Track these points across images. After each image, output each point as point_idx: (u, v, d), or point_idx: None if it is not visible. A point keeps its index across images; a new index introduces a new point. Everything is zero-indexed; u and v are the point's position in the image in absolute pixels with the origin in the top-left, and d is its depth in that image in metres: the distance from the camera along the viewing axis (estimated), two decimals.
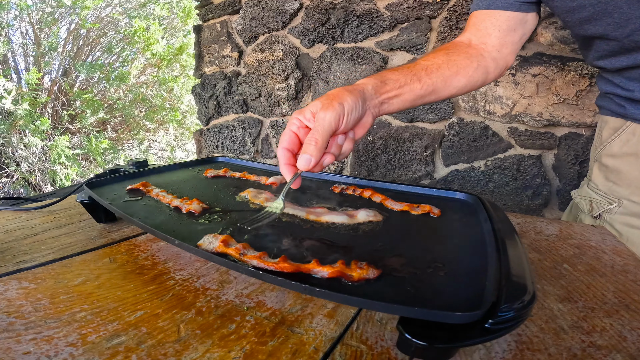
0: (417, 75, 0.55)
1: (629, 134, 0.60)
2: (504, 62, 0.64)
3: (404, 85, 0.53)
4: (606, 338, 0.31)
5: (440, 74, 0.57)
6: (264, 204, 0.52)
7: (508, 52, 0.63)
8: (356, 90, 0.46)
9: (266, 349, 0.29)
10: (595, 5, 0.52)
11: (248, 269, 0.32)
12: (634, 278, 0.41)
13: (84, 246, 0.48)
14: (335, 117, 0.42)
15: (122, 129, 4.63)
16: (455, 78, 0.59)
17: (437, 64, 0.57)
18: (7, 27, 3.70)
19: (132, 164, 0.71)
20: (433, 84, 0.56)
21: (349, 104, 0.44)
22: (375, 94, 0.49)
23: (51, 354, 0.27)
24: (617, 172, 0.62)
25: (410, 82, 0.54)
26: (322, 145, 0.42)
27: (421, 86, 0.55)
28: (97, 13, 4.21)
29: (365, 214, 0.48)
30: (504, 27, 0.61)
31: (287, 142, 0.44)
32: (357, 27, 1.40)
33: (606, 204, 0.63)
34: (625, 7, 0.50)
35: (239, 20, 1.71)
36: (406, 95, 0.54)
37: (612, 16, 0.51)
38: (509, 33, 0.62)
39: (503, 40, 0.62)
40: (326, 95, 0.45)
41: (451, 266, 0.35)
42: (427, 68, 0.56)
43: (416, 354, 0.25)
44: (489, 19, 0.62)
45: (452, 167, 1.34)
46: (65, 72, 4.19)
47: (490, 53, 0.62)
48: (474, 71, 0.60)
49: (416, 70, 0.55)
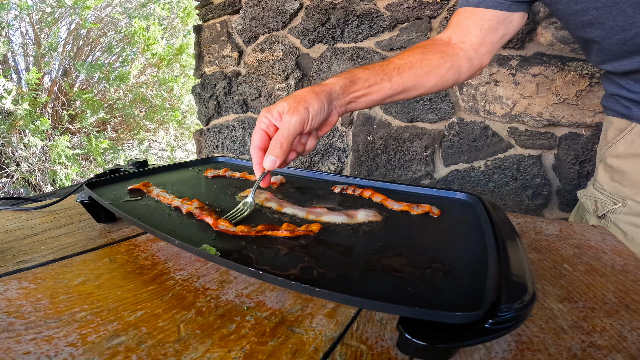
0: (389, 74, 0.55)
1: (634, 135, 0.60)
2: (479, 62, 0.64)
3: (373, 85, 0.53)
4: (606, 338, 0.31)
5: (412, 73, 0.57)
6: (244, 203, 0.51)
7: (485, 51, 0.63)
8: (323, 91, 0.47)
9: (266, 349, 0.29)
10: (599, 8, 0.51)
11: (248, 269, 0.32)
12: (634, 278, 0.41)
13: (84, 246, 0.48)
14: (300, 121, 0.44)
15: (122, 129, 4.63)
16: (427, 77, 0.59)
17: (411, 62, 0.58)
18: (7, 27, 3.70)
19: (132, 164, 0.71)
20: (403, 83, 0.56)
21: (314, 108, 0.45)
22: (342, 94, 0.50)
23: (51, 354, 0.27)
24: (621, 173, 0.62)
25: (381, 81, 0.54)
26: (287, 147, 0.45)
27: (391, 85, 0.55)
28: (97, 13, 4.21)
29: (365, 214, 0.48)
30: (485, 26, 0.61)
31: (258, 140, 0.46)
32: (357, 27, 1.40)
33: (611, 204, 0.63)
34: (630, 10, 0.49)
35: (239, 20, 1.71)
36: (374, 95, 0.54)
37: (616, 19, 0.51)
38: (489, 32, 0.61)
39: (483, 39, 0.62)
40: (293, 96, 0.46)
41: (451, 266, 0.35)
42: (399, 67, 0.56)
43: (416, 354, 0.25)
44: (473, 17, 0.62)
45: (452, 167, 1.34)
46: (65, 72, 4.18)
47: (466, 52, 0.62)
48: (446, 71, 0.60)
49: (388, 70, 0.55)
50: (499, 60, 1.18)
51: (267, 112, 0.47)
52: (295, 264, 0.35)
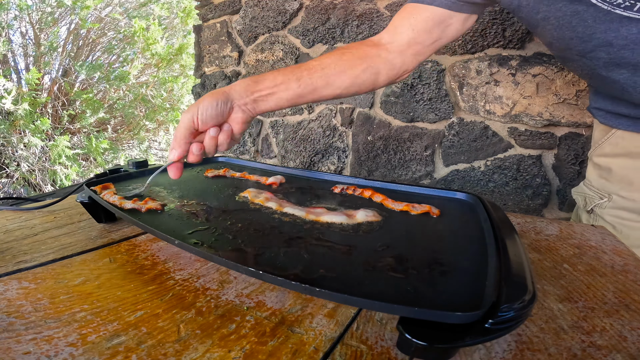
0: (297, 75, 0.57)
1: (617, 137, 0.63)
2: (403, 65, 0.62)
3: (280, 84, 0.56)
4: (606, 338, 0.31)
5: (324, 74, 0.58)
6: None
7: (412, 53, 0.61)
8: (220, 92, 0.52)
9: (266, 349, 0.29)
10: (560, 18, 0.50)
11: (248, 269, 0.32)
12: (634, 278, 0.41)
13: (84, 246, 0.48)
14: (190, 117, 0.50)
15: (122, 129, 4.63)
16: (339, 78, 0.59)
17: (325, 63, 0.58)
18: (7, 27, 3.70)
19: (132, 164, 0.71)
20: (313, 83, 0.57)
21: (203, 105, 0.51)
22: (245, 94, 0.54)
23: (51, 354, 0.27)
24: (608, 170, 0.65)
25: (287, 81, 0.56)
26: (181, 139, 0.51)
27: (299, 85, 0.56)
28: (97, 13, 4.20)
29: (365, 214, 0.48)
30: (419, 27, 0.59)
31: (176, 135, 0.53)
32: (357, 27, 1.40)
33: (597, 199, 0.67)
34: (590, 20, 0.48)
35: (239, 20, 1.71)
36: (282, 94, 0.56)
37: (576, 30, 0.50)
38: (421, 34, 0.60)
39: (413, 40, 0.60)
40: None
41: (451, 266, 0.35)
42: (311, 68, 0.58)
43: (416, 354, 0.25)
44: (410, 16, 0.60)
45: (452, 167, 1.34)
46: (65, 72, 4.18)
47: (389, 53, 0.61)
48: (361, 72, 0.60)
49: (298, 71, 0.57)
50: (499, 60, 1.18)
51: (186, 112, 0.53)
52: (296, 264, 0.35)
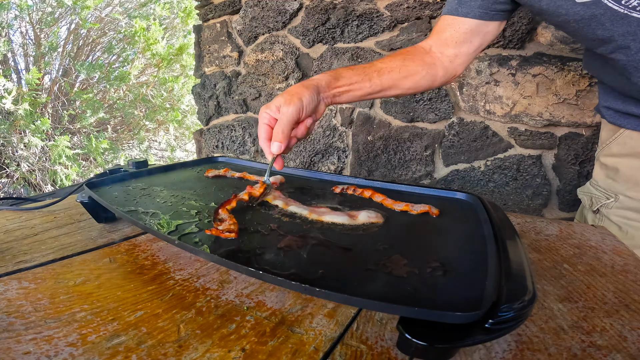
0: (369, 75, 0.62)
1: (625, 137, 0.63)
2: (454, 71, 0.69)
3: (354, 83, 0.61)
4: (606, 338, 0.31)
5: (390, 77, 0.64)
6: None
7: (460, 62, 0.68)
8: (312, 85, 0.55)
9: (266, 349, 0.29)
10: (579, 21, 0.52)
11: (248, 269, 0.32)
12: (634, 278, 0.41)
13: (84, 246, 0.48)
14: (296, 110, 0.51)
15: (122, 129, 4.63)
16: (403, 81, 0.65)
17: (391, 67, 0.64)
18: (7, 27, 3.70)
19: (132, 164, 0.71)
20: (381, 84, 0.63)
21: (306, 98, 0.52)
22: (327, 88, 0.58)
23: (51, 354, 0.27)
24: (615, 170, 0.66)
25: (362, 81, 0.61)
26: (288, 133, 0.51)
27: (370, 85, 0.62)
28: (97, 13, 4.20)
29: (367, 215, 0.48)
30: (460, 40, 0.66)
31: (265, 133, 0.53)
32: (357, 27, 1.40)
33: (604, 199, 0.67)
34: (608, 23, 0.49)
35: (239, 20, 1.71)
36: (356, 92, 0.62)
37: (595, 32, 0.52)
38: (464, 45, 0.66)
39: (458, 51, 0.67)
40: (287, 92, 0.53)
41: (451, 266, 0.35)
42: (380, 70, 0.63)
43: (416, 354, 0.25)
44: (450, 28, 0.66)
45: (452, 167, 1.34)
46: (65, 72, 4.18)
47: (442, 63, 0.68)
48: (421, 78, 0.67)
49: (369, 71, 0.62)
50: (499, 60, 1.18)
51: (266, 109, 0.53)
52: (296, 264, 0.35)
